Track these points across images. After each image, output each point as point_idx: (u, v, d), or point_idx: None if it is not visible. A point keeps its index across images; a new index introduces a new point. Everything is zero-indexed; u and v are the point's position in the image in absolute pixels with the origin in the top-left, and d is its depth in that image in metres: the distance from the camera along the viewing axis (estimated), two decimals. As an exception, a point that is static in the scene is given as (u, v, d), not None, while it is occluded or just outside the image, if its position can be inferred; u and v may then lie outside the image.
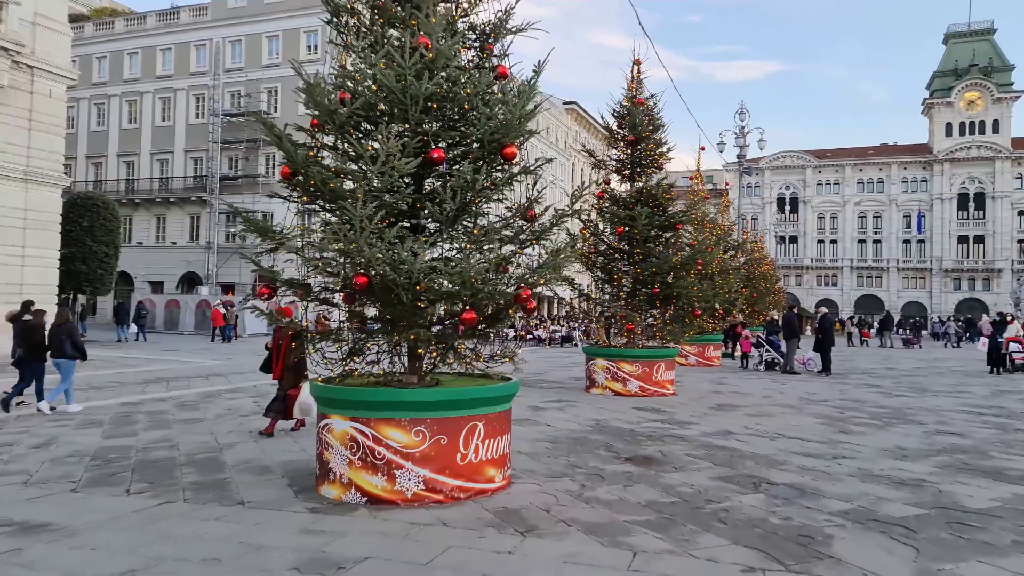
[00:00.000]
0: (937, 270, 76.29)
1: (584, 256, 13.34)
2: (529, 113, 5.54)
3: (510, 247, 5.92)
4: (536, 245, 5.95)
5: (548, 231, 5.95)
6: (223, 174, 38.71)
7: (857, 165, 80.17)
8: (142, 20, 42.64)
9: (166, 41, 41.41)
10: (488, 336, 5.90)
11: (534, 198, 5.93)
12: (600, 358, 12.85)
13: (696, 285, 13.10)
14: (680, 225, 12.90)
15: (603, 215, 13.15)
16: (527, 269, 5.63)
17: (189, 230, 40.63)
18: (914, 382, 16.40)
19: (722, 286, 19.53)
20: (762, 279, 31.44)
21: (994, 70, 75.86)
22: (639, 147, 12.97)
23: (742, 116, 31.89)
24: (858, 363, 22.79)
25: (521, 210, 5.93)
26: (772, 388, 14.54)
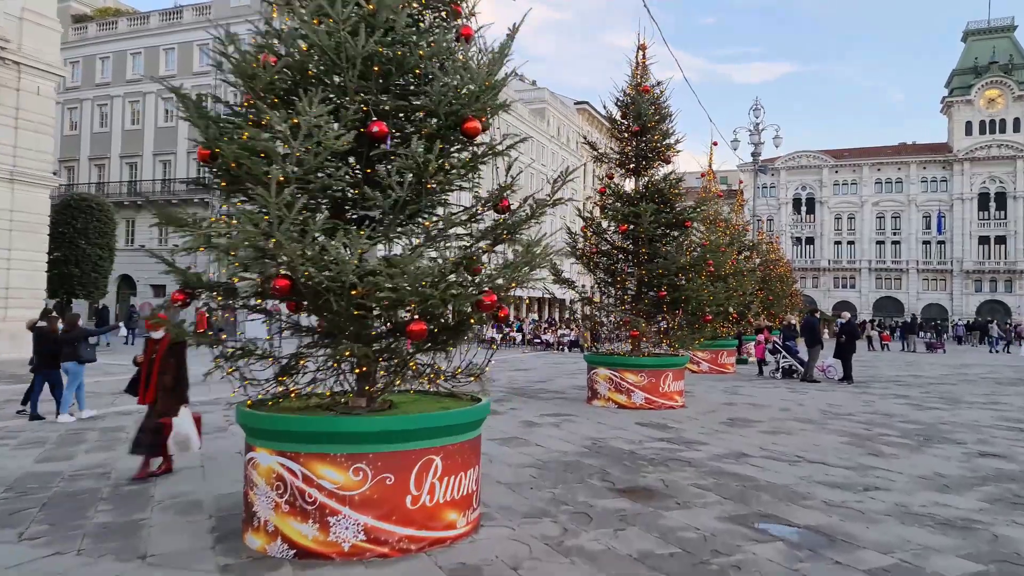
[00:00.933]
0: (958, 271, 74.39)
1: (586, 256, 12.37)
2: (498, 83, 4.59)
3: (483, 243, 4.98)
4: (511, 241, 4.99)
5: (525, 224, 4.99)
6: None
7: (875, 165, 78.46)
8: (145, 20, 42.13)
9: (169, 41, 40.85)
10: (447, 350, 4.93)
11: (507, 185, 4.98)
12: (602, 367, 11.86)
13: (707, 287, 12.06)
14: (689, 223, 11.87)
15: (606, 212, 12.15)
16: (496, 269, 4.68)
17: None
18: (944, 391, 15.25)
19: (736, 288, 18.44)
20: (778, 281, 30.29)
21: (1015, 67, 73.93)
22: (644, 139, 11.97)
23: (757, 113, 30.79)
24: (881, 370, 21.60)
25: (493, 199, 4.98)
26: (790, 399, 13.47)
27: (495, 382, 16.32)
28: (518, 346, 33.04)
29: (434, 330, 4.48)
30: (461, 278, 4.30)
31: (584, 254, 12.33)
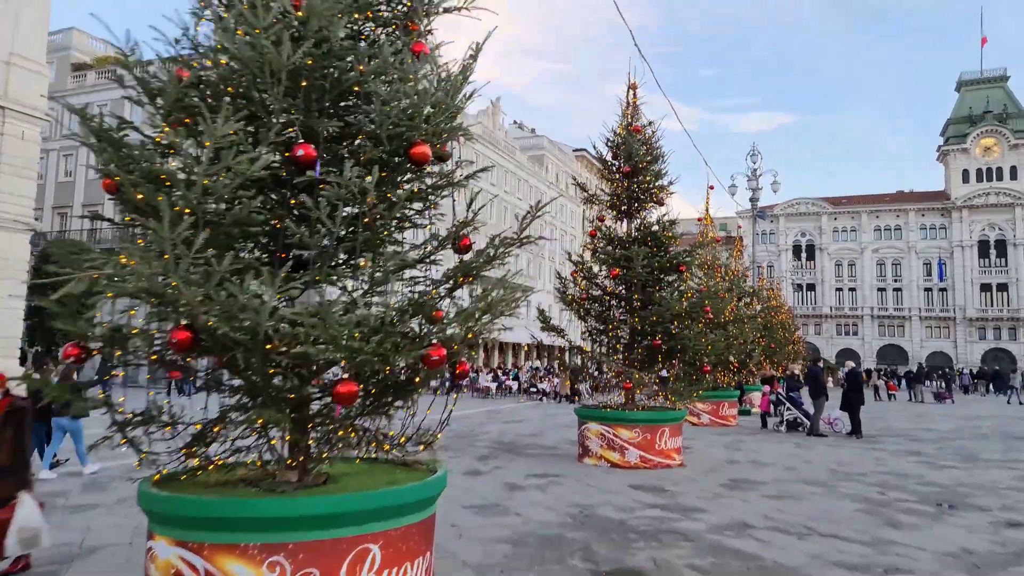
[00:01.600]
0: (961, 319, 73.63)
1: (576, 303, 11.70)
2: (453, 105, 3.99)
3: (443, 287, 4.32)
4: (471, 283, 4.33)
5: (487, 265, 4.34)
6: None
7: (873, 212, 78.50)
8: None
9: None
10: (388, 413, 4.22)
11: (467, 221, 4.35)
12: (593, 422, 11.06)
13: (705, 335, 11.35)
14: (684, 267, 11.24)
15: (597, 256, 11.54)
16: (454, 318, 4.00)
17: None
18: (958, 448, 14.37)
19: (736, 336, 17.71)
20: (780, 328, 29.56)
21: (1009, 116, 74.63)
22: (636, 180, 11.43)
23: (754, 158, 30.59)
24: (889, 422, 20.70)
25: (451, 237, 4.35)
26: (796, 456, 12.61)
27: (487, 435, 15.49)
28: (514, 395, 32.06)
29: (372, 391, 3.77)
30: (408, 328, 3.61)
31: (574, 300, 11.66)
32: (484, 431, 16.29)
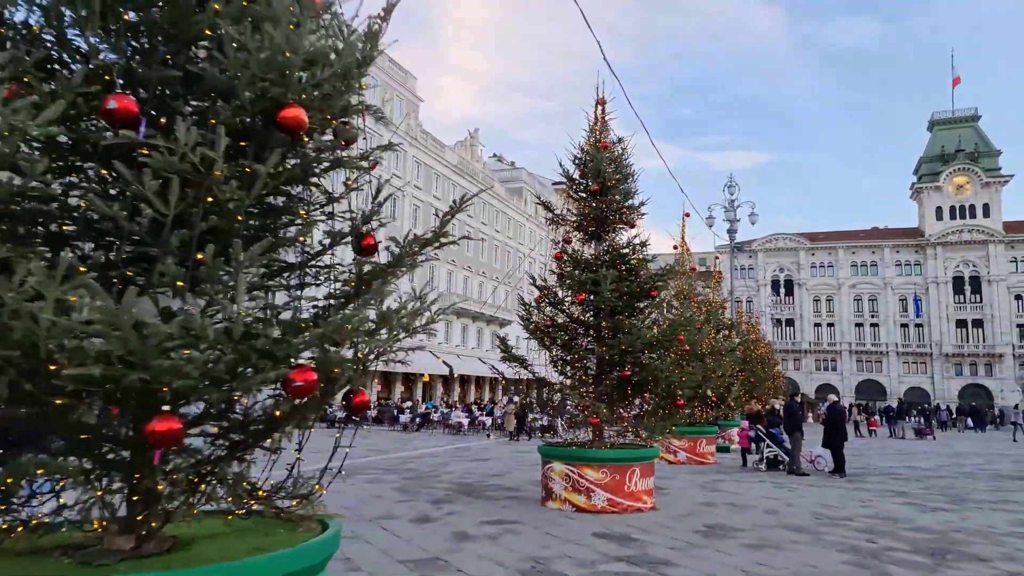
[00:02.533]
0: (937, 355, 73.85)
1: (540, 331, 10.85)
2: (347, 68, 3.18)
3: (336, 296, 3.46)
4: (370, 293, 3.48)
5: (392, 271, 3.50)
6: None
7: (850, 248, 79.12)
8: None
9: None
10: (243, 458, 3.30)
11: (370, 213, 3.52)
12: (558, 461, 10.12)
13: (679, 367, 10.54)
14: (655, 292, 10.46)
15: (563, 280, 10.73)
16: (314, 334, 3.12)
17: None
18: (946, 487, 13.59)
19: (714, 369, 16.95)
20: (759, 363, 28.91)
21: (980, 155, 76.05)
22: (604, 199, 10.71)
23: (732, 190, 30.29)
24: (871, 459, 19.93)
25: (349, 234, 3.51)
26: (777, 497, 11.74)
27: (448, 475, 14.47)
28: (486, 431, 30.86)
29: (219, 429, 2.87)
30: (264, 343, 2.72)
31: (538, 328, 10.81)
32: (447, 471, 15.26)
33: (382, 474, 14.37)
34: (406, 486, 12.46)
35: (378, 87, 41.75)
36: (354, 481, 13.15)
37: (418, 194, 45.18)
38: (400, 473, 14.62)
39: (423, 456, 19.02)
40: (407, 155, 44.06)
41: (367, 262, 3.55)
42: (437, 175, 47.67)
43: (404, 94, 43.95)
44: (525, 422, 27.26)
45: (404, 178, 43.52)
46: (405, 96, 44.05)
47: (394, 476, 14.04)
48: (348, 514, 9.30)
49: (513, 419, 26.81)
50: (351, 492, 11.63)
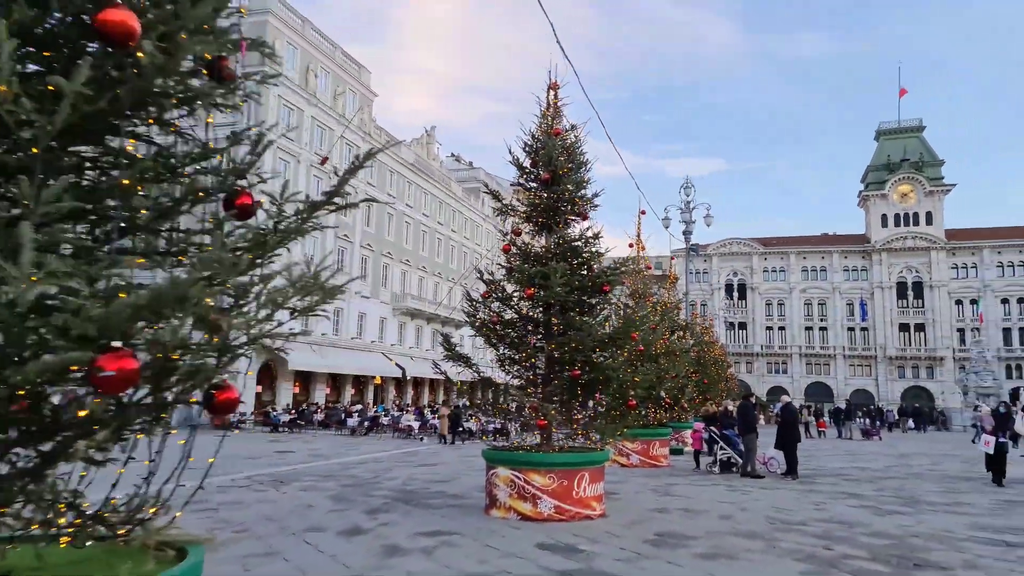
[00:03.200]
0: (882, 358, 75.76)
1: (486, 328, 10.21)
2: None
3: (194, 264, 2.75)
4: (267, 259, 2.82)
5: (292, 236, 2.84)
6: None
7: (801, 253, 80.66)
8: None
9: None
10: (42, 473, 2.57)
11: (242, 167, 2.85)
12: (502, 466, 9.49)
13: (631, 366, 10.02)
14: (608, 287, 9.94)
15: (511, 275, 10.11)
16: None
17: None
18: (897, 488, 13.42)
19: (668, 370, 16.58)
20: (713, 364, 28.84)
21: (924, 165, 78.39)
22: (555, 188, 10.13)
23: (688, 191, 30.19)
24: (822, 460, 19.85)
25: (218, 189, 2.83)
26: (730, 501, 11.33)
27: (391, 481, 13.72)
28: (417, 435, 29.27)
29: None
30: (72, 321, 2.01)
31: (484, 325, 10.17)
32: (389, 477, 14.49)
33: (319, 481, 13.54)
34: (343, 494, 11.68)
35: (330, 75, 40.59)
36: (288, 489, 12.31)
37: (371, 191, 44.10)
38: (339, 480, 13.81)
39: (367, 461, 18.19)
40: (360, 151, 42.95)
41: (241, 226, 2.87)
42: (392, 172, 46.66)
43: (357, 88, 42.87)
44: (459, 425, 26.44)
45: (357, 174, 42.38)
46: (358, 90, 42.97)
47: (332, 483, 13.23)
48: (270, 527, 8.52)
49: (447, 422, 25.93)
50: (282, 502, 10.82)
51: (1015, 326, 72.92)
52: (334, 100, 40.45)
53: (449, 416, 26.13)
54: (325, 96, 39.66)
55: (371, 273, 43.83)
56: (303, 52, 37.90)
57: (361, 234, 42.59)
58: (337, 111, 40.31)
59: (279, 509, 10.04)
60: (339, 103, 40.72)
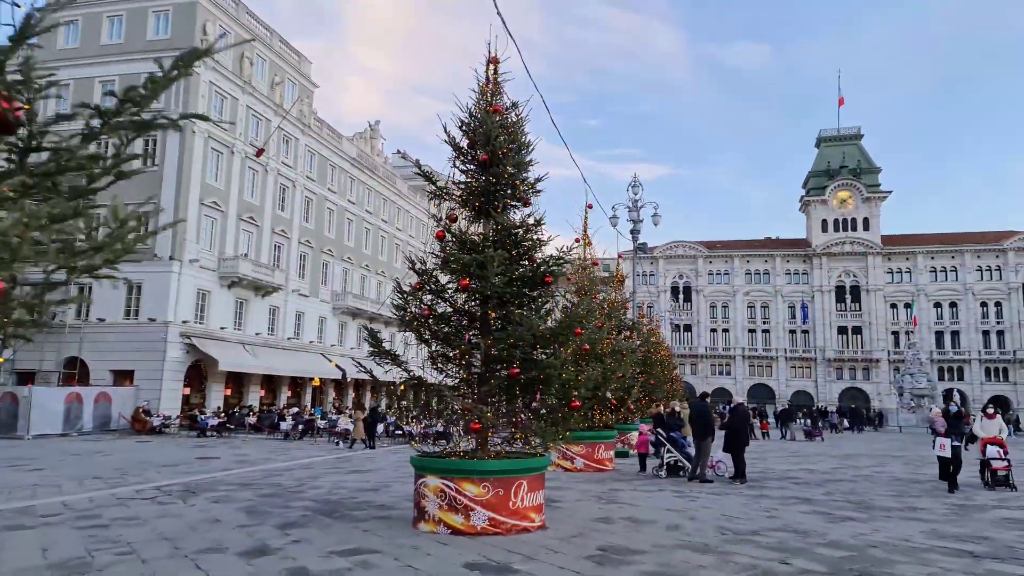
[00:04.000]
0: (821, 360, 77.55)
1: (416, 322, 9.25)
2: None
3: None
4: None
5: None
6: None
7: (744, 256, 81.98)
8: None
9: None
10: None
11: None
12: (432, 474, 8.54)
13: (577, 364, 9.21)
14: (550, 278, 9.10)
15: (446, 264, 9.17)
16: None
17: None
18: (848, 492, 13.00)
19: (614, 370, 15.89)
20: (659, 365, 28.44)
21: (862, 172, 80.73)
22: (494, 170, 9.24)
23: (635, 189, 29.77)
24: (769, 462, 19.53)
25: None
26: (679, 509, 10.64)
27: (315, 490, 12.61)
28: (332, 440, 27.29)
29: None
30: None
31: (415, 319, 9.20)
32: (315, 485, 13.36)
33: (235, 491, 12.33)
34: (257, 506, 10.54)
35: (267, 63, 38.80)
36: (197, 501, 11.10)
37: (311, 186, 42.42)
38: (258, 489, 12.63)
39: (295, 468, 16.95)
40: (299, 143, 41.26)
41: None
42: (333, 167, 45.03)
43: (296, 78, 41.14)
44: (376, 429, 25.15)
45: (295, 168, 40.71)
46: (298, 80, 41.25)
47: (249, 493, 12.05)
48: (161, 548, 7.38)
49: (362, 426, 24.51)
50: (187, 516, 9.64)
51: (947, 329, 75.65)
52: (271, 89, 38.69)
53: (365, 419, 24.72)
54: (261, 84, 37.87)
55: (310, 270, 42.15)
56: (237, 38, 36.08)
57: (299, 229, 40.90)
58: (275, 101, 38.55)
59: (179, 525, 8.87)
60: (277, 92, 38.98)
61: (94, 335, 31.50)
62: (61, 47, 35.10)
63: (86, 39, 34.75)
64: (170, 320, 31.13)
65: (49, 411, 26.73)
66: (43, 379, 31.53)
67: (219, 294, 34.38)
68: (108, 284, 3.86)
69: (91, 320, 31.82)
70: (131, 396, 30.35)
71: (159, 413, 29.71)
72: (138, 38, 33.88)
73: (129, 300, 31.89)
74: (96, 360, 31.52)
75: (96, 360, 31.52)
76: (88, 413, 28.35)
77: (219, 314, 34.23)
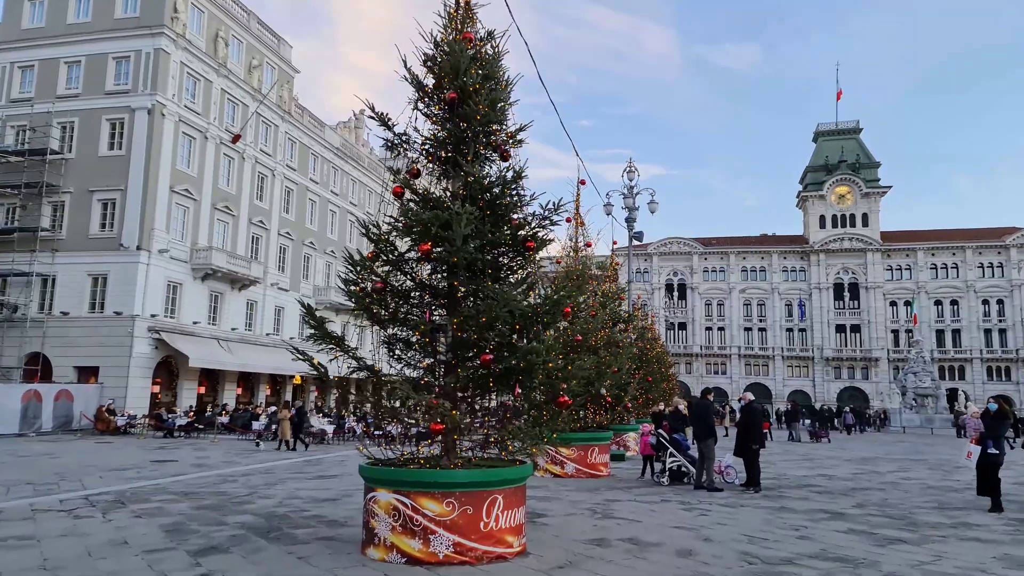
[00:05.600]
0: (819, 358, 76.00)
1: (368, 298, 7.47)
2: None
3: None
4: None
5: None
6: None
7: (740, 253, 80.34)
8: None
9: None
10: None
11: None
12: (383, 488, 6.77)
13: (562, 353, 7.46)
14: (532, 243, 7.33)
15: (404, 227, 7.37)
16: None
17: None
18: (881, 504, 11.28)
19: (611, 364, 14.14)
20: (656, 362, 26.76)
21: (861, 166, 79.20)
22: (463, 110, 7.45)
23: (631, 175, 28.06)
24: (779, 466, 17.80)
25: None
26: (689, 526, 8.88)
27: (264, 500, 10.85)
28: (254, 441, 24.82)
29: None
30: None
31: (365, 295, 7.42)
32: (266, 494, 11.58)
33: (171, 502, 10.55)
34: (185, 523, 8.75)
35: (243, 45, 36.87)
36: (119, 515, 9.33)
37: (291, 175, 40.53)
38: (199, 499, 10.85)
39: (255, 473, 15.16)
40: (279, 130, 39.35)
41: None
42: (315, 156, 43.13)
43: (276, 62, 39.21)
44: (302, 429, 23.12)
45: (275, 156, 38.79)
46: (277, 65, 39.33)
47: (185, 505, 10.26)
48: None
49: (288, 426, 22.45)
50: (94, 535, 7.93)
51: (948, 328, 74.17)
52: (248, 73, 36.77)
53: (292, 418, 22.72)
54: (237, 67, 35.95)
55: (290, 264, 40.25)
56: (211, 16, 34.16)
57: (279, 221, 38.99)
58: (252, 85, 36.64)
59: (75, 550, 7.12)
60: (254, 76, 37.07)
61: (57, 329, 29.60)
62: (26, 26, 33.20)
63: (52, 18, 32.79)
64: (137, 313, 29.22)
65: (5, 410, 24.86)
66: (3, 376, 29.61)
67: (192, 287, 32.47)
68: (72, 275, 2.51)
69: (54, 313, 29.91)
70: (95, 394, 28.44)
71: (123, 412, 27.81)
72: (106, 16, 31.95)
73: (94, 292, 29.98)
74: (59, 356, 29.60)
75: (59, 356, 29.60)
76: (47, 412, 26.45)
77: (192, 308, 32.33)
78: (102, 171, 30.43)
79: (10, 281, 30.06)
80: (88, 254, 29.80)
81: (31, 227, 29.70)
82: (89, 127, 30.95)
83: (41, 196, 30.00)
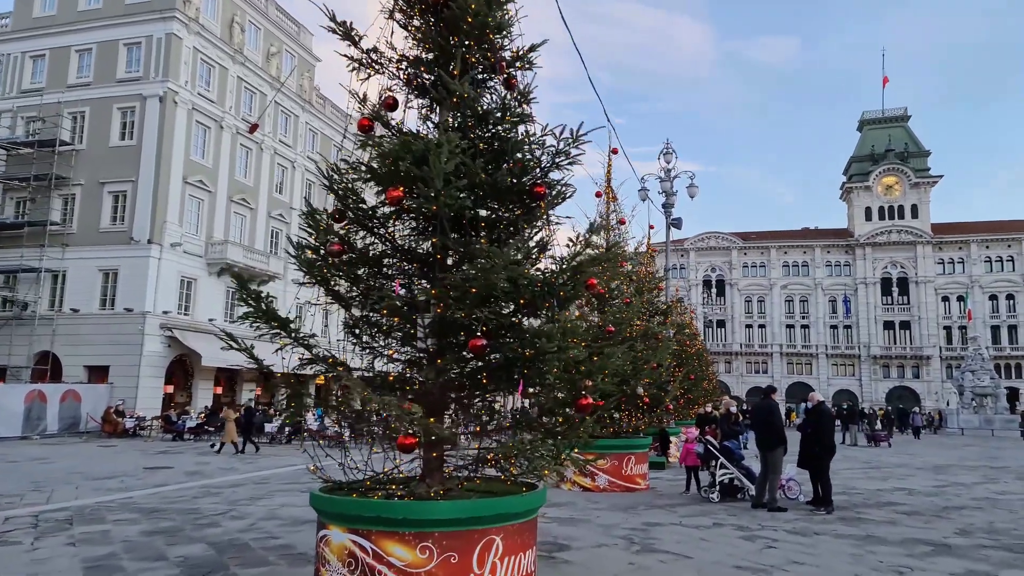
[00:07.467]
0: (865, 357, 72.35)
1: (326, 267, 5.58)
2: None
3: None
4: None
5: None
6: (2, 220, 29.62)
7: (781, 248, 77.01)
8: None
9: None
10: None
11: None
12: (336, 525, 4.87)
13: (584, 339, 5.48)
14: (542, 188, 5.37)
15: (368, 169, 5.46)
16: None
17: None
18: (989, 529, 9.03)
19: (649, 358, 12.07)
20: (696, 359, 24.50)
21: (910, 155, 75.25)
22: (450, 12, 5.52)
23: (668, 157, 25.87)
24: (843, 477, 15.40)
25: None
26: (753, 566, 6.80)
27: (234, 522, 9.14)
28: (212, 445, 23.56)
29: None
30: None
31: (321, 260, 5.53)
32: (239, 513, 9.83)
33: (125, 523, 8.93)
34: (117, 555, 7.03)
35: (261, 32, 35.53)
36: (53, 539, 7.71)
37: (313, 166, 39.15)
38: (159, 519, 9.17)
39: (246, 483, 13.52)
40: (299, 120, 37.98)
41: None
42: (338, 148, 41.71)
43: (295, 50, 37.85)
44: (252, 431, 21.19)
45: (295, 147, 37.41)
46: (296, 52, 37.96)
47: (138, 528, 8.57)
48: None
49: (233, 427, 20.53)
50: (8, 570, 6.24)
51: (1004, 324, 69.93)
52: (266, 61, 35.43)
53: (238, 419, 20.86)
54: (254, 55, 34.62)
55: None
56: (225, 1, 32.88)
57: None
58: (270, 73, 35.29)
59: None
60: (272, 64, 35.72)
61: (67, 327, 28.55)
62: (38, 15, 32.32)
63: (63, 5, 31.83)
64: (148, 310, 27.98)
65: (7, 411, 23.76)
66: (13, 375, 28.67)
67: (206, 282, 31.19)
68: (82, 271, 1.58)
69: (64, 311, 28.86)
70: (105, 394, 27.25)
71: (132, 413, 26.56)
72: (117, 2, 30.85)
73: (105, 288, 28.85)
74: (69, 355, 28.55)
75: (69, 355, 28.55)
76: (52, 413, 25.32)
77: (207, 304, 31.04)
78: (113, 162, 29.31)
79: (19, 278, 29.12)
80: (99, 248, 28.69)
81: (40, 221, 28.69)
82: (100, 117, 29.87)
83: (51, 189, 29.00)
